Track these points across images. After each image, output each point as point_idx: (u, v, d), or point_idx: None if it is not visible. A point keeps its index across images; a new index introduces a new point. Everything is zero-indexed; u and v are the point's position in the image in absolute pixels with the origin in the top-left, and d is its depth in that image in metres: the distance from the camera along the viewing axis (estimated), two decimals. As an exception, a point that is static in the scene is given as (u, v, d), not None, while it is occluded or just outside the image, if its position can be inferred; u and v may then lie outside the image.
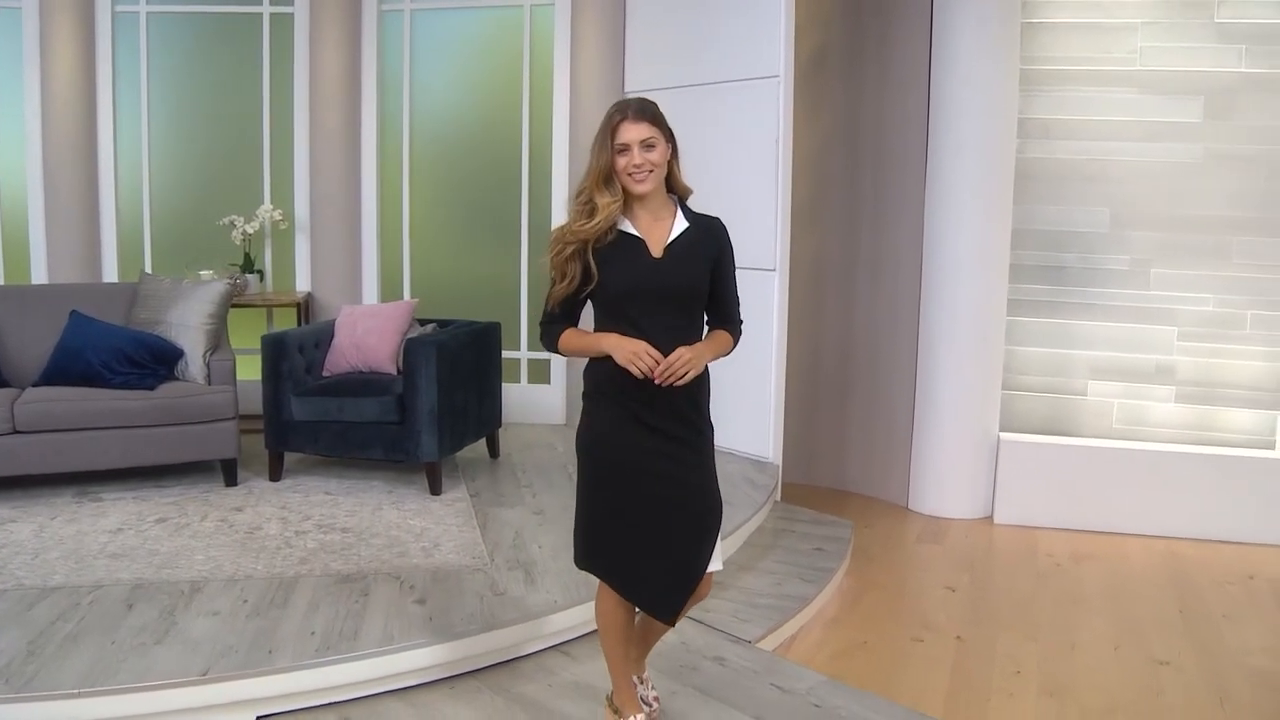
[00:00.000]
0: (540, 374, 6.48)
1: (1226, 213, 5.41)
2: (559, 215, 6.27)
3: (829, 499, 5.82)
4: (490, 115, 6.47)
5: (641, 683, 3.08)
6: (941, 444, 5.63)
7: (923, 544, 5.23)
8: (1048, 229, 5.62)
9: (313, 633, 3.29)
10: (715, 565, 2.83)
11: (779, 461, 5.41)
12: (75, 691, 2.87)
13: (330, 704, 3.14)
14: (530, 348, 6.45)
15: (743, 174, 5.34)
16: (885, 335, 5.88)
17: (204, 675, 2.98)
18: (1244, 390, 5.46)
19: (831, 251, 6.02)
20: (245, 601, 3.54)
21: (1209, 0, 5.34)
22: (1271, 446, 5.42)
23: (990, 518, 5.59)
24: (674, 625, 2.90)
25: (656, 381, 2.61)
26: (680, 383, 2.63)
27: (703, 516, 2.79)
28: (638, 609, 2.86)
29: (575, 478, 4.79)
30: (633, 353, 2.61)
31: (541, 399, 6.43)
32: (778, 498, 5.28)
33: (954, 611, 4.33)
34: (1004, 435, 5.61)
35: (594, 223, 2.66)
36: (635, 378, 2.64)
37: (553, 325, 2.82)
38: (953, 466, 5.62)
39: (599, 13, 6.02)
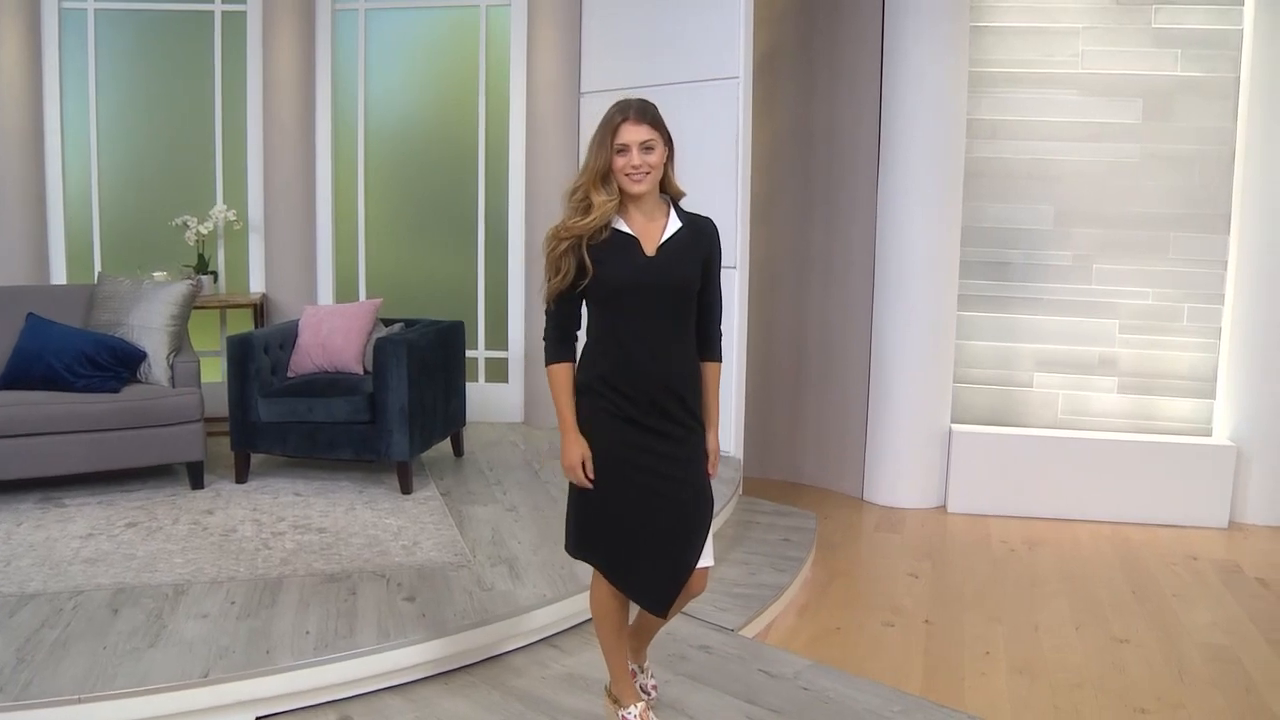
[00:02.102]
0: (498, 373, 6.51)
1: (1164, 210, 5.66)
2: (516, 215, 6.31)
3: (785, 492, 5.94)
4: (446, 115, 6.48)
5: (642, 671, 3.16)
6: (895, 436, 5.79)
7: (881, 533, 5.38)
8: (994, 226, 5.81)
9: (307, 632, 3.30)
10: (707, 560, 2.88)
11: (740, 455, 5.52)
12: (76, 697, 2.86)
13: (329, 702, 3.16)
14: (487, 346, 6.48)
15: (702, 173, 5.41)
16: (838, 330, 6.02)
17: (206, 677, 2.98)
18: (1182, 380, 5.71)
19: (784, 249, 6.15)
20: (233, 603, 3.54)
21: (1146, 6, 5.57)
22: (1208, 433, 5.68)
23: (943, 507, 5.77)
24: (666, 618, 2.96)
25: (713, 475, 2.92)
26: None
27: (692, 511, 2.83)
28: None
29: (543, 474, 4.86)
30: (571, 466, 2.78)
31: (500, 397, 6.46)
32: (740, 491, 5.39)
33: (919, 596, 4.47)
34: (955, 426, 5.79)
35: (589, 220, 2.71)
36: (626, 375, 2.73)
37: (555, 340, 2.84)
38: (906, 458, 5.78)
39: (555, 13, 6.05)
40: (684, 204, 2.89)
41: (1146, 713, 3.43)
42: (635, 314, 2.74)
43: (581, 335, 2.87)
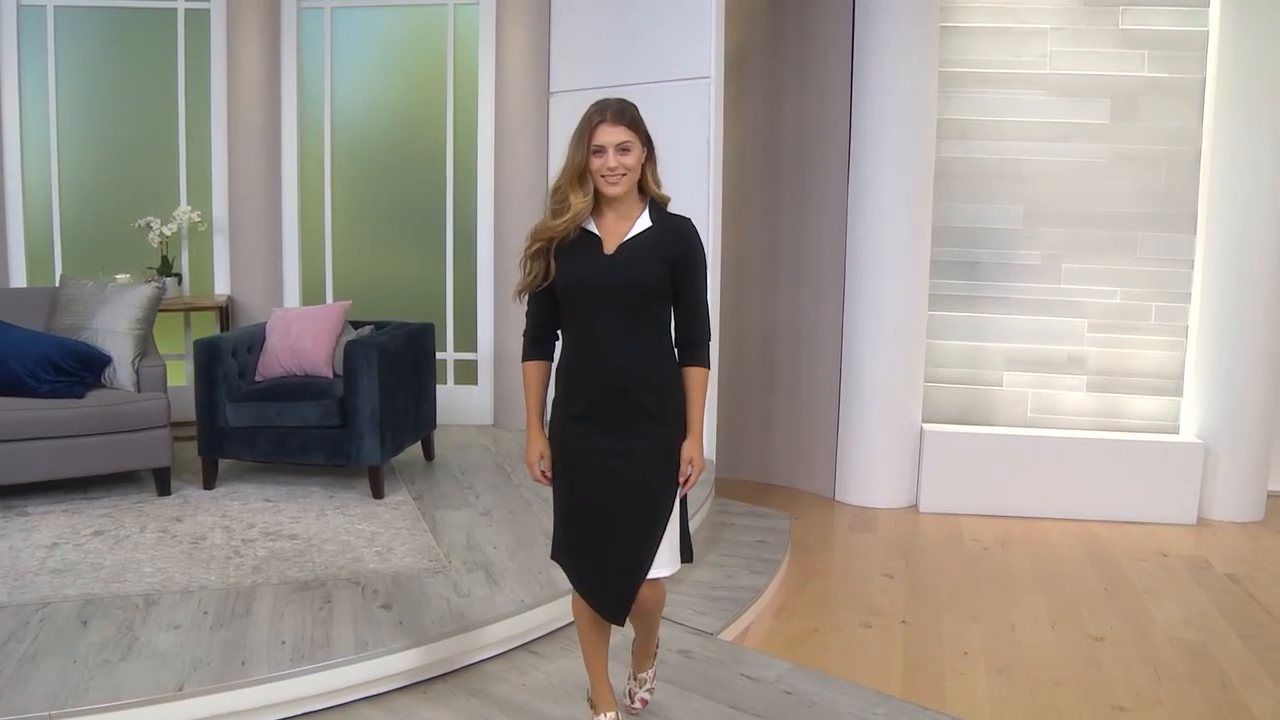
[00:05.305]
0: (467, 375, 6.45)
1: (1131, 210, 5.71)
2: (485, 215, 6.25)
3: (756, 493, 5.93)
4: (413, 115, 6.41)
5: (634, 680, 3.13)
6: (866, 435, 5.80)
7: (854, 533, 5.38)
8: (964, 226, 5.84)
9: (283, 642, 3.25)
10: (660, 570, 2.78)
11: (713, 457, 5.50)
12: (47, 714, 2.78)
13: (306, 714, 3.10)
14: (456, 348, 6.42)
15: (674, 173, 5.30)
16: (809, 330, 6.02)
17: (181, 690, 2.92)
18: (1149, 378, 5.77)
19: (753, 248, 6.14)
20: (206, 613, 3.47)
21: (1113, 8, 5.62)
22: (1176, 431, 5.74)
23: (915, 506, 5.79)
24: (621, 624, 2.88)
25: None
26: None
27: (642, 516, 2.75)
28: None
29: (514, 477, 4.83)
30: (528, 463, 2.87)
31: (469, 400, 6.40)
32: (713, 494, 5.37)
33: (895, 597, 4.48)
34: (926, 426, 5.81)
35: (562, 221, 2.69)
36: (575, 373, 2.75)
37: (529, 337, 2.87)
38: (878, 457, 5.79)
39: (524, 12, 5.99)
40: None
41: (1125, 710, 3.45)
42: (588, 313, 2.72)
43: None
